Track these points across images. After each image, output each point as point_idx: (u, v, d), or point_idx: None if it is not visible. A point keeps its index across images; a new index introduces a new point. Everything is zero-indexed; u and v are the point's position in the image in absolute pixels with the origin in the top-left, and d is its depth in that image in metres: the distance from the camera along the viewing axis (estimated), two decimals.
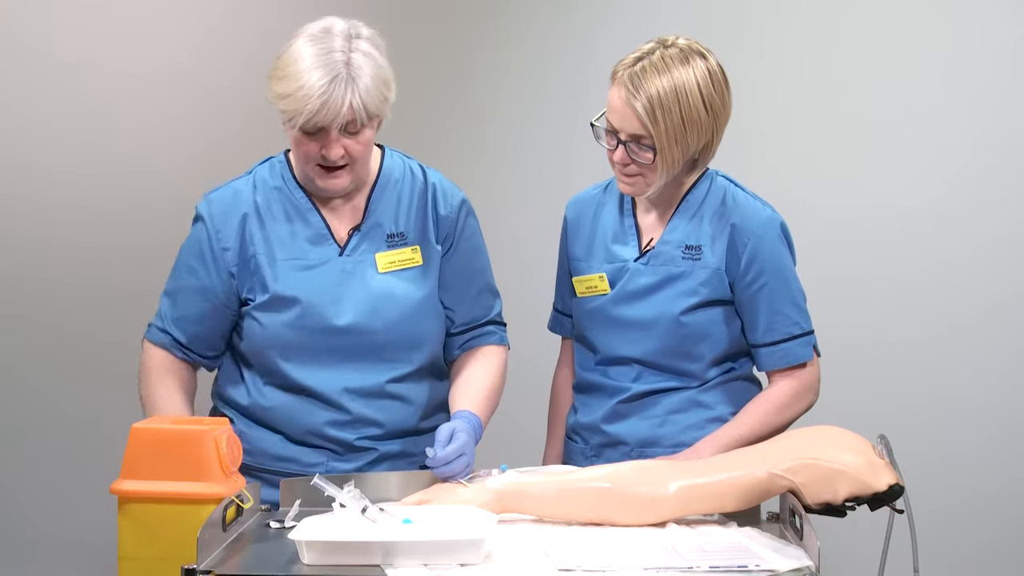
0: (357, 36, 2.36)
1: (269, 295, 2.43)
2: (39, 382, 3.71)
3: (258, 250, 2.44)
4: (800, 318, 2.49)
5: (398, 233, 2.50)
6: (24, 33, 3.66)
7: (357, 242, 2.48)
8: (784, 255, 2.49)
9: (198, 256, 2.47)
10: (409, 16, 3.81)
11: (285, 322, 2.43)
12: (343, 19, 2.40)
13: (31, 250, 3.70)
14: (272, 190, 2.48)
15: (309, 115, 2.30)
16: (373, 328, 2.44)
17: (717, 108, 2.42)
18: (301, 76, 2.30)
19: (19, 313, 3.70)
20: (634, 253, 2.53)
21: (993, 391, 3.65)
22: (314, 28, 2.38)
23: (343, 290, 2.44)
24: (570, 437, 2.65)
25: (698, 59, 2.41)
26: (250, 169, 2.54)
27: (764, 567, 1.92)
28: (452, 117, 3.82)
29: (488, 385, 2.53)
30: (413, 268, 2.50)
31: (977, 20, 3.65)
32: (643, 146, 2.40)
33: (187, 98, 3.77)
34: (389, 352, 2.47)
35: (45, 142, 3.69)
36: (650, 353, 2.50)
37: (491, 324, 2.61)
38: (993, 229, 3.65)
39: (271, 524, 2.17)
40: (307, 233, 2.46)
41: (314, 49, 2.32)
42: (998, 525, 3.65)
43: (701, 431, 2.48)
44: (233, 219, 2.45)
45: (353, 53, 2.33)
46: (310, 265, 2.45)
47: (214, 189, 2.52)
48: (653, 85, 2.37)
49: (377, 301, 2.45)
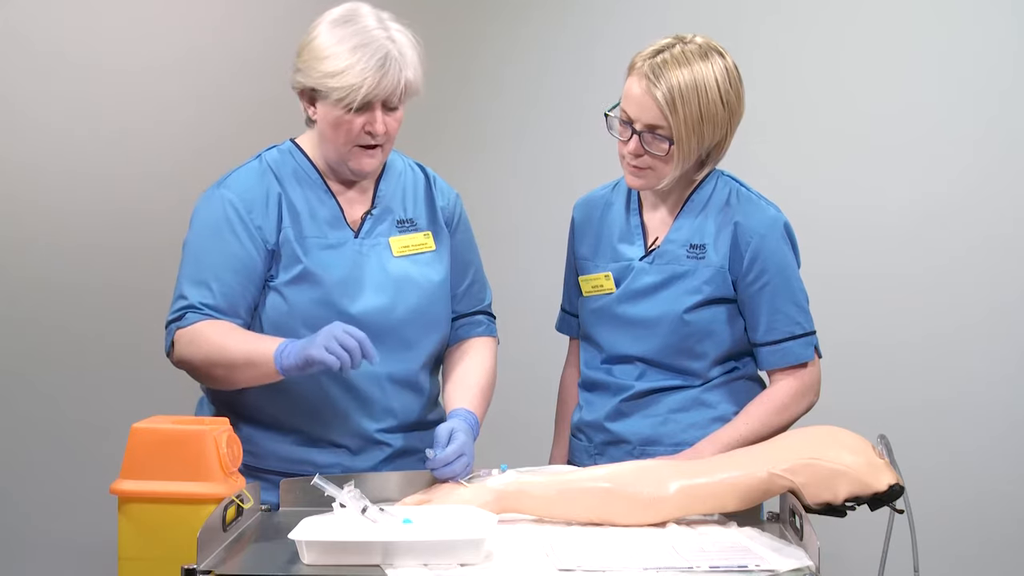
0: (388, 18, 2.42)
1: (301, 268, 2.41)
2: (39, 382, 3.71)
3: (287, 226, 2.44)
4: (802, 318, 2.49)
5: (408, 219, 2.53)
6: (24, 33, 3.66)
7: (371, 226, 2.49)
8: (787, 255, 2.49)
9: (231, 234, 2.40)
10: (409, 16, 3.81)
11: (311, 299, 2.41)
12: (362, 3, 2.44)
13: (31, 250, 3.70)
14: (289, 173, 2.48)
15: (369, 89, 2.34)
16: (395, 311, 2.45)
17: (733, 105, 2.45)
18: (353, 53, 2.34)
19: (19, 313, 3.70)
20: (639, 252, 2.54)
21: (993, 391, 3.65)
22: (339, 12, 2.41)
23: (362, 273, 2.45)
24: (575, 435, 2.66)
25: (716, 56, 2.44)
26: (257, 155, 2.53)
27: (764, 567, 1.92)
28: (452, 117, 3.82)
29: (482, 381, 2.54)
30: (427, 253, 2.52)
31: (977, 20, 3.65)
32: (659, 136, 2.41)
33: (187, 98, 3.77)
34: (409, 337, 2.47)
35: (45, 142, 3.69)
36: (654, 351, 2.51)
37: (481, 314, 2.63)
38: (994, 229, 3.65)
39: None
40: (324, 215, 2.47)
41: (352, 28, 2.37)
42: (998, 525, 3.65)
43: (703, 430, 2.48)
44: (262, 197, 2.43)
45: (393, 31, 2.39)
46: (331, 244, 2.45)
47: (227, 176, 2.48)
48: (674, 76, 2.40)
49: (397, 284, 2.46)
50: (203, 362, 2.35)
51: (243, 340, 2.34)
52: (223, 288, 2.39)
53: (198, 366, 2.37)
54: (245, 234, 2.41)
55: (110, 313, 3.73)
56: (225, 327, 2.36)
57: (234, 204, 2.42)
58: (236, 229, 2.41)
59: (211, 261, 2.40)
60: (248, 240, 2.41)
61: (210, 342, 2.33)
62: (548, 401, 2.84)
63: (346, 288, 2.43)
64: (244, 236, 2.41)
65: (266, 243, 2.42)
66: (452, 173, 2.67)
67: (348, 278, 2.44)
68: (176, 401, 2.75)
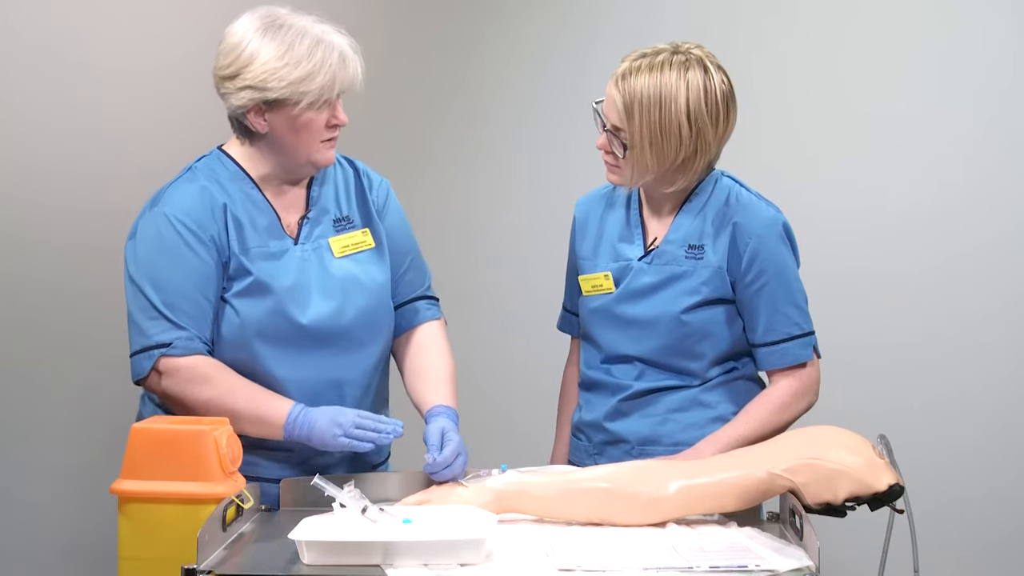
0: (304, 14, 2.39)
1: (251, 279, 2.38)
2: (39, 382, 3.70)
3: (233, 239, 2.40)
4: (800, 319, 2.49)
5: (344, 217, 2.51)
6: (23, 33, 3.66)
7: (309, 230, 2.47)
8: (786, 255, 2.49)
9: (188, 250, 2.35)
10: (408, 16, 3.81)
11: (262, 310, 2.38)
12: (269, 6, 2.42)
13: (31, 250, 3.69)
14: (226, 183, 2.44)
15: (341, 85, 2.36)
16: (344, 315, 2.43)
17: (703, 124, 2.40)
18: (312, 54, 2.33)
19: (19, 313, 3.69)
20: (639, 252, 2.54)
21: (993, 391, 3.65)
22: (258, 21, 2.37)
23: (307, 279, 2.42)
24: (575, 435, 2.66)
25: (699, 71, 2.41)
26: (188, 167, 2.48)
27: (764, 567, 1.92)
28: (452, 117, 3.82)
29: (447, 372, 2.53)
30: (367, 251, 2.51)
31: (977, 20, 3.65)
32: (619, 139, 2.43)
33: (187, 98, 3.76)
34: (360, 338, 2.46)
35: (44, 142, 3.68)
36: (652, 351, 2.51)
37: (421, 300, 2.61)
38: (993, 229, 3.65)
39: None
40: (263, 223, 2.44)
41: (293, 32, 2.35)
42: (998, 525, 3.65)
43: (702, 430, 2.48)
44: (208, 208, 2.39)
45: (323, 24, 2.39)
46: (273, 253, 2.42)
47: (161, 193, 2.43)
48: (639, 83, 2.39)
49: (343, 287, 2.45)
50: (202, 404, 2.33)
51: (251, 398, 2.33)
52: (194, 308, 2.36)
53: (194, 404, 2.33)
54: (201, 247, 2.37)
55: (110, 313, 3.71)
56: (228, 372, 2.35)
57: (181, 220, 2.37)
58: (192, 244, 2.36)
59: (174, 281, 2.35)
60: (206, 253, 2.37)
61: (217, 388, 2.32)
62: (548, 401, 2.84)
63: (295, 296, 2.40)
64: (201, 249, 2.37)
65: (220, 254, 2.39)
66: (452, 173, 2.67)
67: (295, 285, 2.41)
68: None
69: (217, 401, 2.32)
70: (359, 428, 2.28)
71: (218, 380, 2.34)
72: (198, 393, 2.33)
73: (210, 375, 2.34)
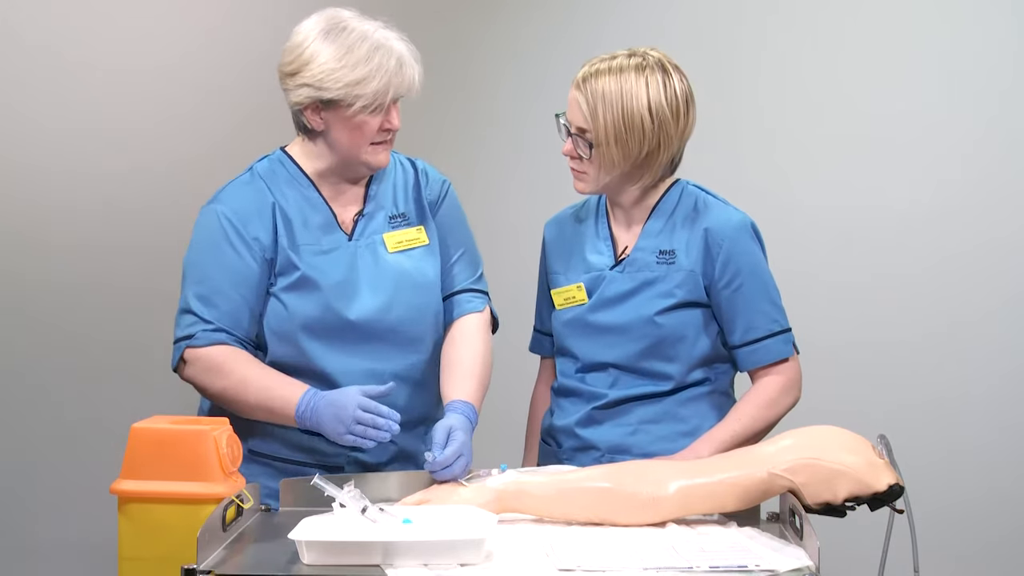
0: (370, 19, 2.45)
1: (298, 275, 2.44)
2: (39, 382, 3.71)
3: (282, 235, 2.46)
4: (778, 315, 2.51)
5: (400, 214, 2.55)
6: (23, 33, 3.66)
7: (364, 226, 2.52)
8: (758, 254, 2.52)
9: (229, 248, 2.43)
10: (408, 15, 3.80)
11: (310, 305, 2.44)
12: (337, 9, 2.46)
13: (31, 250, 3.69)
14: (281, 182, 2.50)
15: (396, 91, 2.41)
16: (392, 310, 2.47)
17: (664, 119, 2.44)
18: (370, 58, 2.38)
19: (19, 313, 3.70)
20: (610, 262, 2.55)
21: (993, 391, 3.66)
22: (323, 23, 2.43)
23: (357, 274, 2.47)
24: (544, 440, 2.66)
25: (658, 72, 2.46)
26: (249, 167, 2.55)
27: (764, 567, 1.92)
28: (452, 117, 3.82)
29: (474, 364, 2.53)
30: (421, 247, 2.55)
31: (977, 20, 3.65)
32: (585, 140, 2.46)
33: (187, 98, 3.77)
34: (410, 333, 2.49)
35: (44, 142, 3.69)
36: (627, 357, 2.51)
37: (467, 292, 2.62)
38: (993, 229, 3.65)
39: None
40: (318, 221, 2.49)
41: (354, 35, 2.40)
42: (998, 525, 3.65)
43: (673, 443, 2.48)
44: (256, 208, 2.46)
45: (386, 30, 2.44)
46: (324, 250, 2.47)
47: (220, 191, 2.51)
48: (601, 83, 2.45)
49: (394, 282, 2.49)
50: (218, 394, 2.41)
51: (263, 388, 2.37)
52: (227, 303, 2.42)
53: (213, 394, 2.42)
54: (243, 246, 2.44)
55: (110, 313, 3.73)
56: (242, 361, 2.39)
57: (229, 218, 2.45)
58: (234, 242, 2.44)
59: (213, 276, 2.43)
60: (246, 252, 2.44)
61: (229, 378, 2.38)
62: None
63: (343, 291, 2.45)
64: (242, 248, 2.44)
65: (264, 253, 2.45)
66: (452, 173, 2.67)
67: (344, 281, 2.46)
68: (176, 401, 2.75)
69: (231, 392, 2.39)
70: (360, 424, 2.30)
71: (230, 370, 2.39)
72: (214, 382, 2.40)
73: (223, 365, 2.39)
